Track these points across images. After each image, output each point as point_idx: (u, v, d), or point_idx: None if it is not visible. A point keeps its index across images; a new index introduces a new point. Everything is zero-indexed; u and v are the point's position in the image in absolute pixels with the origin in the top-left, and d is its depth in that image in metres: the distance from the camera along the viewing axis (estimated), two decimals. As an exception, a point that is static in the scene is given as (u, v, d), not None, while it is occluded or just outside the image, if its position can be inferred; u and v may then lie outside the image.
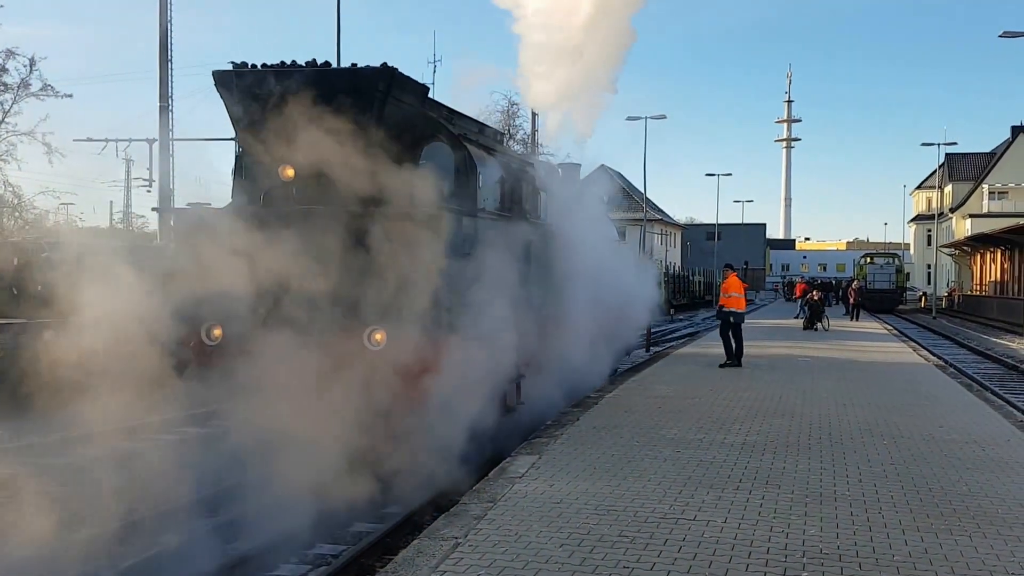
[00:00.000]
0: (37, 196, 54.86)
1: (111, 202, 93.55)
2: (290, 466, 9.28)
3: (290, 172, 10.56)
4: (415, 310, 9.93)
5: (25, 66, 34.83)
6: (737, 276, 20.75)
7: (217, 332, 10.55)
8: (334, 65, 11.41)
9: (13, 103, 35.08)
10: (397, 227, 10.05)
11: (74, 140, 57.65)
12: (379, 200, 10.27)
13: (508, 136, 59.24)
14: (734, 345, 19.98)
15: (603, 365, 18.11)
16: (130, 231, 63.90)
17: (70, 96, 38.81)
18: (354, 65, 10.91)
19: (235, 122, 11.21)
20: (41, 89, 35.18)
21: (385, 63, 10.79)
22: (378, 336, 9.95)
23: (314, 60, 10.92)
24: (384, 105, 10.78)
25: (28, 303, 18.52)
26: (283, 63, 10.88)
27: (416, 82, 11.54)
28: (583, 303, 15.74)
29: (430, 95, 11.88)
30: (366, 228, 10.10)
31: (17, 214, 37.15)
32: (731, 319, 19.94)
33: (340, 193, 10.26)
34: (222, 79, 10.99)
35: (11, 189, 36.67)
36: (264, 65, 10.90)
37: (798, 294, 39.18)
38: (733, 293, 20.25)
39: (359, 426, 9.52)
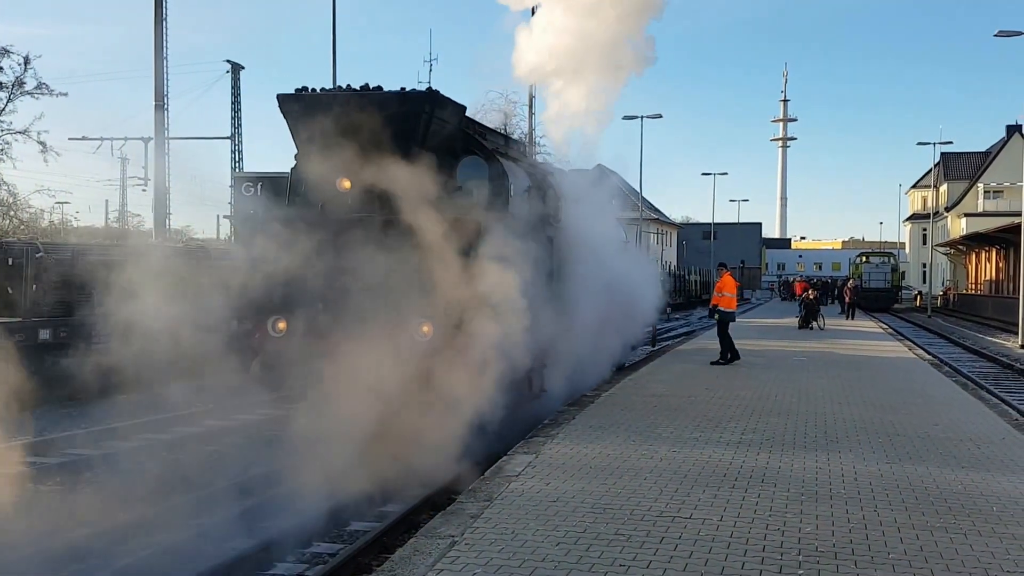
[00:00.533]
0: (32, 195, 54.73)
1: (107, 201, 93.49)
2: (351, 438, 10.39)
3: (347, 183, 11.98)
4: (456, 305, 11.21)
5: (20, 64, 34.93)
6: (731, 276, 21.13)
7: (281, 325, 12.06)
8: (367, 83, 12.38)
9: (8, 101, 35.15)
10: (441, 231, 11.19)
11: (69, 139, 57.57)
12: (424, 208, 11.26)
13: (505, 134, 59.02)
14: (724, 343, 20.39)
15: (614, 357, 19.35)
16: (125, 230, 63.85)
17: (65, 94, 39.03)
18: (403, 89, 12.17)
19: (296, 139, 12.53)
20: (36, 87, 35.25)
21: (430, 87, 12.35)
22: (425, 328, 11.29)
23: (367, 84, 12.22)
24: (429, 124, 12.09)
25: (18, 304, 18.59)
26: (340, 87, 12.42)
27: (455, 103, 12.75)
28: (597, 300, 16.60)
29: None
30: (413, 233, 11.22)
31: (12, 213, 37.16)
32: (717, 316, 20.49)
33: (390, 201, 11.42)
34: (286, 101, 12.35)
35: (6, 188, 36.73)
36: (323, 89, 12.35)
37: (798, 293, 39.03)
38: (726, 292, 20.69)
39: (409, 406, 10.65)
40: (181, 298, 11.36)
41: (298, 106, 12.32)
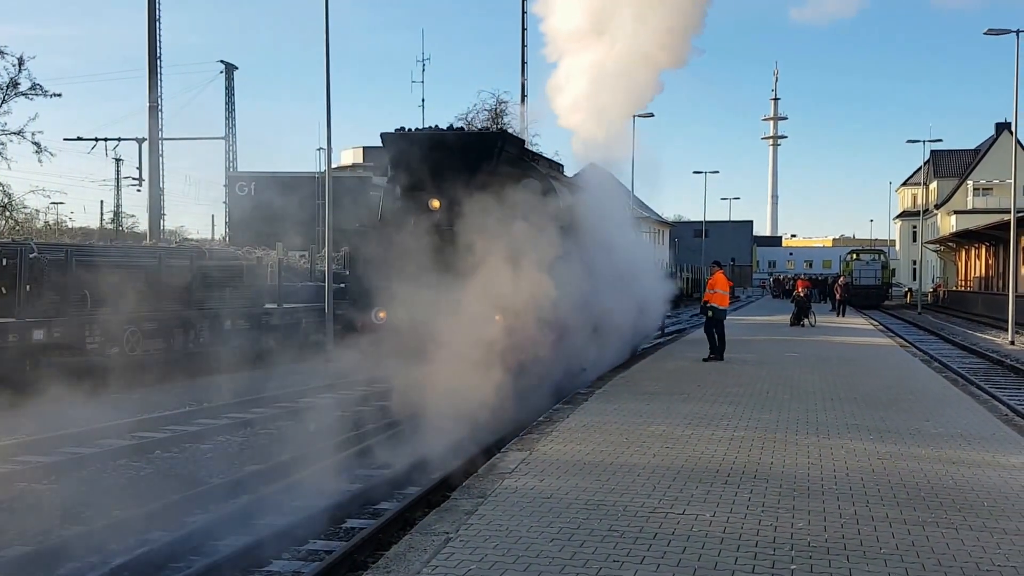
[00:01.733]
0: (27, 195, 54.83)
1: (101, 201, 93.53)
2: (444, 393, 13.01)
3: (436, 203, 15.25)
4: (522, 298, 13.91)
5: (14, 65, 34.88)
6: (723, 274, 21.42)
7: (382, 314, 15.20)
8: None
9: (2, 102, 35.06)
10: (508, 239, 13.95)
11: (64, 139, 57.79)
12: (495, 220, 14.02)
13: None
14: (717, 340, 20.65)
15: (634, 343, 22.80)
16: (120, 231, 63.93)
17: (59, 95, 39.18)
18: (483, 130, 17.71)
19: (395, 167, 15.95)
20: (30, 88, 35.19)
21: (502, 128, 18.28)
22: (497, 317, 13.93)
23: (451, 125, 16.30)
24: (500, 154, 15.31)
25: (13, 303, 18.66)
26: (430, 127, 15.82)
27: (518, 138, 17.40)
28: (621, 294, 19.17)
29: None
30: (487, 240, 13.86)
31: (8, 214, 37.18)
32: (710, 313, 20.82)
33: (470, 216, 14.10)
34: (390, 139, 15.52)
35: (2, 188, 36.76)
36: (418, 129, 15.75)
37: (799, 290, 38.48)
38: (718, 290, 20.98)
39: (488, 374, 13.26)
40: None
41: (400, 142, 15.47)
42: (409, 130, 15.56)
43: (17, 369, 18.28)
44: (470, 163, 14.90)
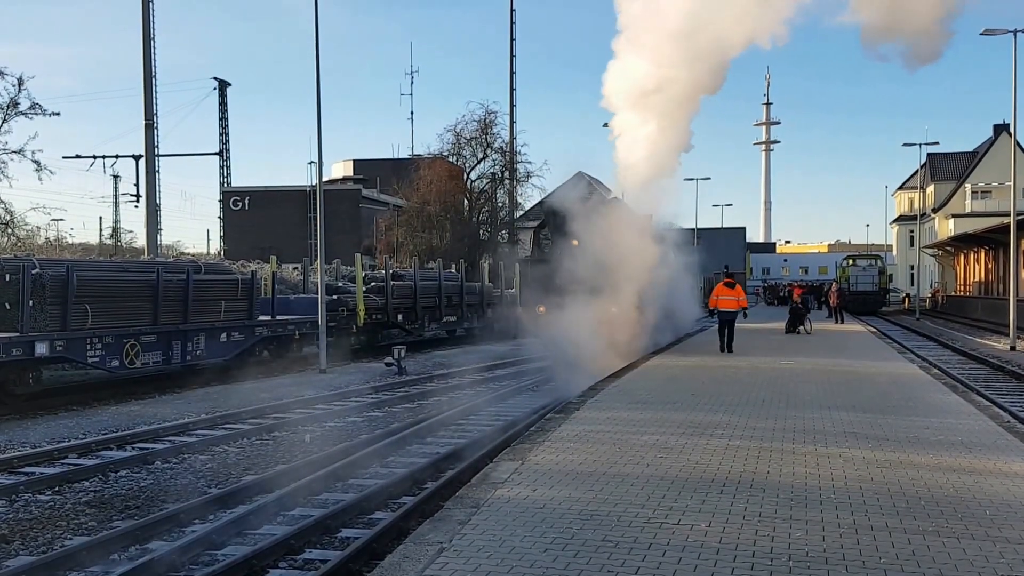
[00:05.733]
0: (28, 213, 55.38)
1: (100, 218, 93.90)
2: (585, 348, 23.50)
3: (575, 242, 25.69)
4: (633, 297, 25.67)
5: (14, 85, 35.06)
6: (724, 283, 26.69)
7: (541, 309, 25.81)
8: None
9: (3, 122, 35.21)
10: (623, 258, 25.28)
11: (63, 157, 58.45)
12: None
13: (487, 145, 59.89)
14: (727, 337, 26.05)
15: (679, 333, 33.03)
16: (119, 246, 64.24)
17: (57, 114, 39.43)
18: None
19: (549, 219, 29.22)
20: (30, 108, 35.36)
21: (616, 198, 29.41)
22: (614, 309, 25.14)
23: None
24: None
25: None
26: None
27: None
28: (677, 298, 31.68)
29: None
30: (612, 265, 25.08)
31: (9, 231, 37.43)
32: (714, 314, 27.57)
33: (599, 249, 25.17)
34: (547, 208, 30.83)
35: (3, 206, 37.04)
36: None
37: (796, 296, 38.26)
38: (721, 296, 26.17)
39: (611, 338, 24.59)
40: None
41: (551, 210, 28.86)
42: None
43: (20, 382, 18.92)
44: (595, 213, 26.57)
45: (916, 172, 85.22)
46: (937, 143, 69.69)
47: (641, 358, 23.66)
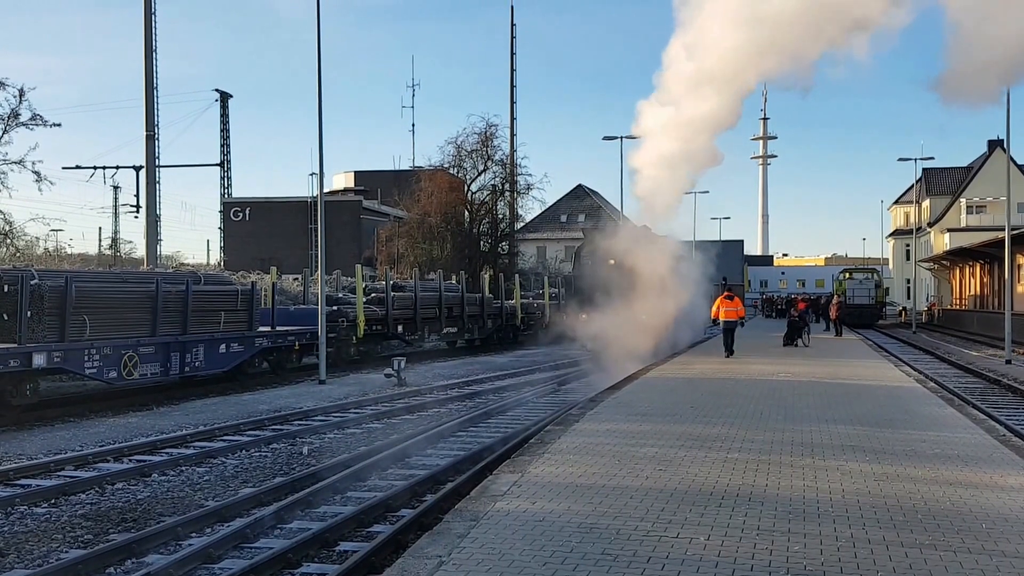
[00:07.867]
0: (28, 223, 55.56)
1: (100, 228, 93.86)
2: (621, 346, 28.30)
3: (612, 262, 31.80)
4: (660, 308, 30.88)
5: (15, 96, 35.10)
6: (725, 296, 30.33)
7: (583, 316, 32.08)
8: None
9: (3, 133, 35.23)
10: (650, 274, 30.63)
11: (63, 168, 58.74)
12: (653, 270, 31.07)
13: (488, 158, 60.21)
14: (731, 342, 29.32)
15: (692, 339, 37.98)
16: (118, 257, 64.24)
17: (58, 125, 39.54)
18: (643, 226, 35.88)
19: (588, 248, 38.23)
20: (30, 119, 35.42)
21: (645, 226, 34.95)
22: (644, 317, 30.28)
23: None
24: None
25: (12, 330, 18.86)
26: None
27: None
28: (691, 308, 34.95)
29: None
30: (640, 280, 30.29)
31: (9, 241, 37.47)
32: (716, 323, 31.40)
33: (631, 269, 30.51)
34: (587, 235, 40.53)
35: (2, 216, 37.07)
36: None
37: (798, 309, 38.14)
38: (722, 307, 29.65)
39: (648, 338, 30.04)
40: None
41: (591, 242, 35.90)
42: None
43: (18, 393, 18.80)
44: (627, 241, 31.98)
45: (912, 187, 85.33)
46: (932, 158, 69.81)
47: (642, 368, 23.80)
